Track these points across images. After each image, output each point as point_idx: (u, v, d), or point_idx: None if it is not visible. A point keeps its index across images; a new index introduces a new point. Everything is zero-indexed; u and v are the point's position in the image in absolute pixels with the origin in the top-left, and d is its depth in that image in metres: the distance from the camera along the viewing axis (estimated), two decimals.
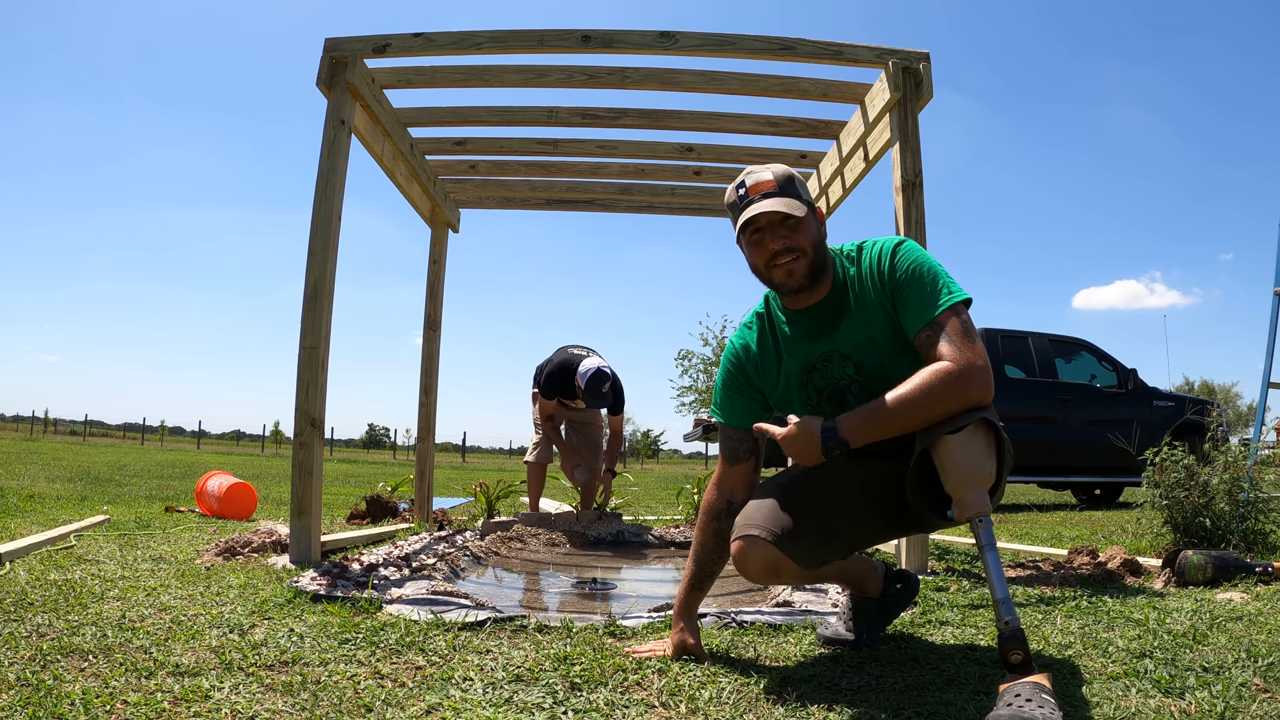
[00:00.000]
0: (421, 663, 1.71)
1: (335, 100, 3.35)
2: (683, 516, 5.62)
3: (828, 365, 1.74)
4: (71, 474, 8.69)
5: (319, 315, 3.19)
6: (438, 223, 5.12)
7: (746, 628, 2.09)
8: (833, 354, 1.73)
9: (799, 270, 1.68)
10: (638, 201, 5.22)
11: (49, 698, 1.41)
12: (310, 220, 3.24)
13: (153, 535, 3.78)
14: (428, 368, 5.02)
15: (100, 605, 2.14)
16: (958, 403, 1.53)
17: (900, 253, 1.68)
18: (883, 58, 3.37)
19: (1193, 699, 1.50)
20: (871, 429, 1.57)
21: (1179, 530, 3.56)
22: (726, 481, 1.84)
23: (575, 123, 4.10)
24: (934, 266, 1.66)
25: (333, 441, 41.36)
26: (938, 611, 2.33)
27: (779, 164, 1.76)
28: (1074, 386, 7.96)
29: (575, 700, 1.49)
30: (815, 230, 1.71)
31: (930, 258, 1.68)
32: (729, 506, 1.81)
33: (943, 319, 1.59)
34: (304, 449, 3.12)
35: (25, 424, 45.09)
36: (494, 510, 5.22)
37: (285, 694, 1.49)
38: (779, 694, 1.54)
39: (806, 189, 1.75)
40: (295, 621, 2.03)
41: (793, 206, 1.65)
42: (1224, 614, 2.28)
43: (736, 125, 4.14)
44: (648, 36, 3.39)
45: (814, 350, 1.75)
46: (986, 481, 1.51)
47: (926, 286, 1.63)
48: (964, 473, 1.50)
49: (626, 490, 8.42)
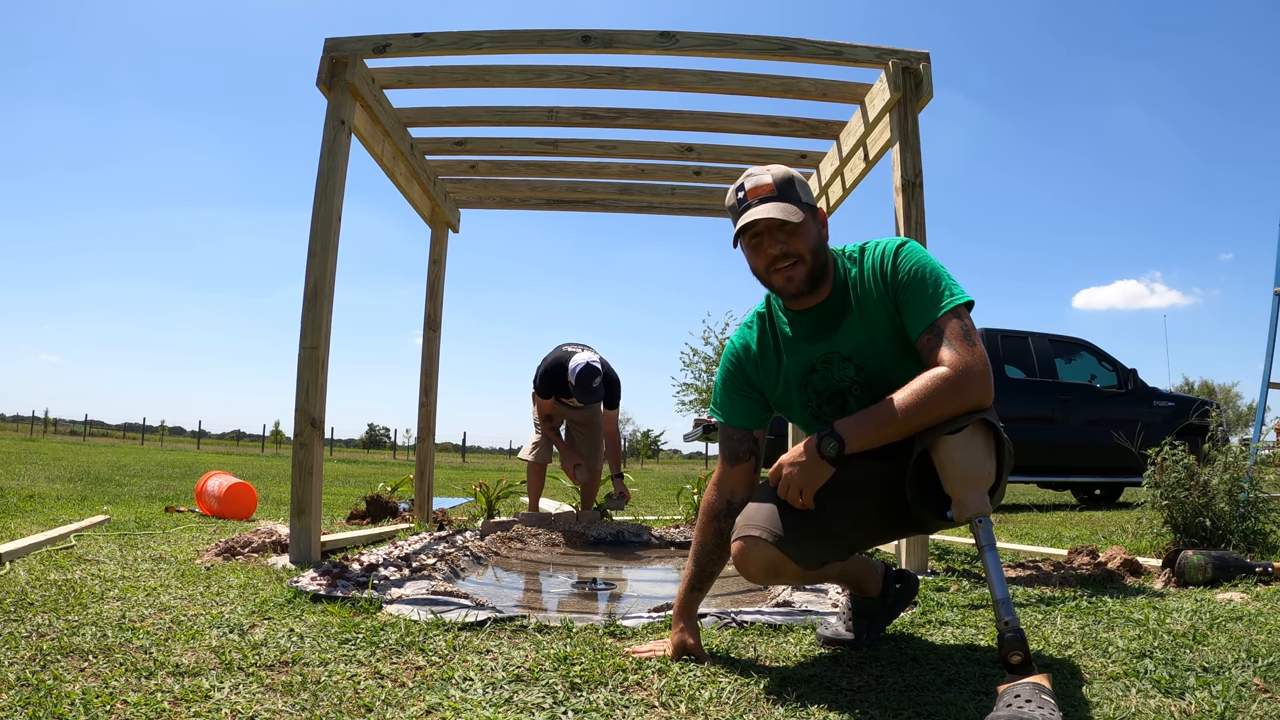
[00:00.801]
0: (421, 663, 1.71)
1: (335, 100, 3.35)
2: (683, 516, 5.62)
3: (828, 367, 1.74)
4: (71, 474, 8.69)
5: (319, 315, 3.19)
6: (438, 223, 5.12)
7: (746, 628, 2.09)
8: (833, 355, 1.73)
9: (797, 276, 1.68)
10: (638, 201, 5.22)
11: (49, 698, 1.41)
12: (310, 220, 3.24)
13: (153, 535, 3.78)
14: (428, 368, 5.02)
15: (100, 605, 2.14)
16: (956, 406, 1.53)
17: (903, 255, 1.68)
18: (883, 58, 3.37)
19: (1193, 699, 1.50)
20: (870, 433, 1.57)
21: (1179, 530, 3.56)
22: (726, 482, 1.84)
23: (575, 123, 4.10)
24: (936, 268, 1.66)
25: (333, 441, 41.37)
26: (938, 611, 2.33)
27: (780, 165, 1.76)
28: (1074, 387, 7.96)
29: (575, 700, 1.50)
30: (815, 234, 1.70)
31: (932, 259, 1.68)
32: (729, 507, 1.81)
33: (943, 322, 1.59)
34: (304, 449, 3.12)
35: (25, 424, 45.11)
36: (494, 510, 5.22)
37: (285, 694, 1.49)
38: (779, 694, 1.54)
39: (809, 190, 1.74)
40: (295, 621, 2.03)
41: (789, 212, 1.64)
42: (1224, 614, 2.28)
43: (736, 125, 4.14)
44: (648, 36, 3.39)
45: (814, 351, 1.75)
46: (986, 482, 1.51)
47: (928, 289, 1.63)
48: (963, 473, 1.50)
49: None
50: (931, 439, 1.53)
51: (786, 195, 1.68)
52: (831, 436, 1.58)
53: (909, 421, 1.54)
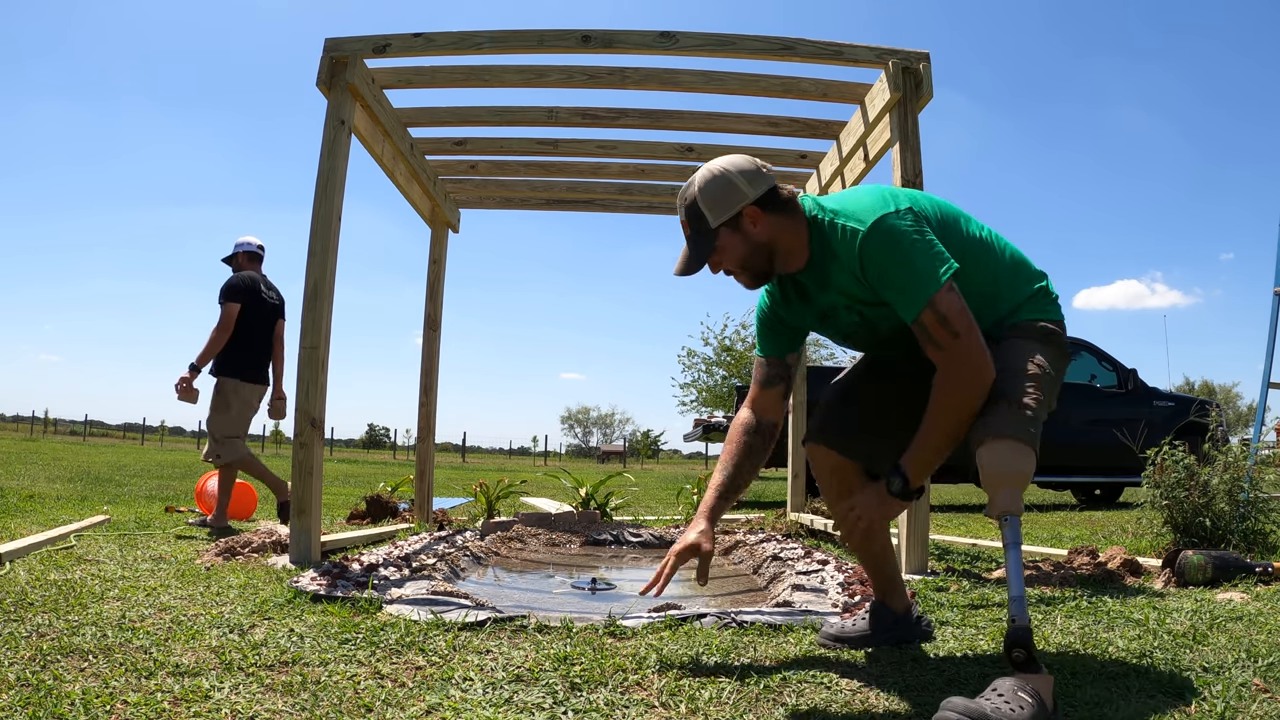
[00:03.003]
0: (421, 663, 1.71)
1: (335, 100, 3.35)
2: (682, 516, 5.61)
3: (835, 313, 1.83)
4: (71, 474, 8.69)
5: (319, 315, 3.19)
6: (438, 223, 5.12)
7: (746, 628, 2.09)
8: (836, 305, 1.80)
9: (744, 283, 1.79)
10: (638, 201, 5.22)
11: (49, 698, 1.41)
12: (310, 220, 3.25)
13: (153, 535, 3.78)
14: (428, 368, 5.02)
15: (100, 605, 2.14)
16: (970, 399, 1.59)
17: (866, 256, 1.63)
18: (883, 58, 3.38)
19: (1193, 699, 1.50)
20: (923, 464, 1.64)
21: (1179, 530, 3.56)
22: (759, 403, 1.94)
23: (575, 123, 4.10)
24: (900, 264, 1.61)
25: (333, 441, 41.37)
26: (938, 611, 2.33)
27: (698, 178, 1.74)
28: (1074, 386, 7.96)
29: (575, 700, 1.50)
30: (737, 247, 1.72)
31: (897, 247, 1.61)
32: (759, 424, 1.93)
33: (924, 318, 1.60)
34: (304, 449, 3.12)
35: (25, 424, 45.06)
36: (494, 510, 5.22)
37: (285, 694, 1.49)
38: (779, 694, 1.54)
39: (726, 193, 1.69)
40: (295, 621, 2.03)
41: (690, 259, 1.72)
42: (1224, 614, 2.28)
43: (736, 125, 4.14)
44: (648, 36, 3.39)
45: (822, 300, 1.82)
46: (1018, 481, 1.55)
47: (898, 288, 1.62)
48: (996, 473, 1.55)
49: (626, 490, 8.41)
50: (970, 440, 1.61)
51: (695, 226, 1.72)
52: (895, 472, 1.65)
53: (949, 433, 1.61)
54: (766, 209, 1.71)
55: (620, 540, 4.53)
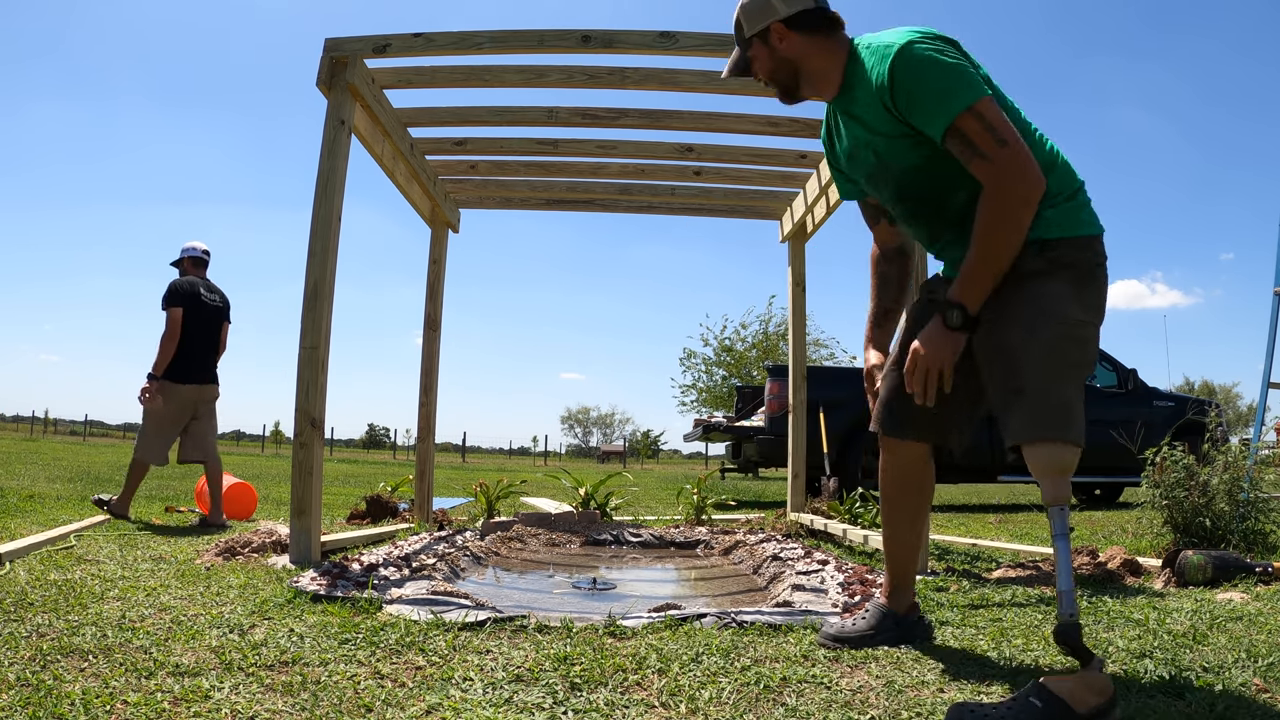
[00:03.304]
0: (421, 663, 1.71)
1: (335, 100, 3.35)
2: (683, 516, 5.61)
3: (856, 153, 1.85)
4: (72, 474, 8.69)
5: (319, 315, 3.19)
6: (438, 223, 5.12)
7: (746, 628, 2.09)
8: (858, 141, 1.82)
9: (778, 94, 1.89)
10: (638, 201, 5.22)
11: (49, 698, 1.41)
12: (310, 220, 3.24)
13: (153, 535, 3.78)
14: (428, 368, 5.02)
15: (100, 605, 2.14)
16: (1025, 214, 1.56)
17: (897, 76, 1.61)
18: None
19: (1193, 699, 1.50)
20: (978, 287, 1.61)
21: (1179, 530, 3.56)
22: (877, 237, 2.07)
23: (575, 123, 4.10)
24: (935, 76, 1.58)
25: (333, 441, 41.35)
26: (938, 611, 2.33)
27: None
28: None
29: (575, 700, 1.50)
30: (767, 59, 1.81)
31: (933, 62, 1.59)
32: (885, 253, 2.06)
33: (966, 126, 1.55)
34: (304, 449, 3.12)
35: (25, 424, 45.05)
36: (494, 510, 5.22)
37: (285, 694, 1.49)
38: (779, 694, 1.55)
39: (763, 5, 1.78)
40: (295, 621, 2.03)
41: (732, 63, 1.87)
42: (1224, 614, 2.28)
43: (736, 125, 4.14)
44: (648, 36, 3.39)
45: (847, 136, 1.87)
46: (1064, 469, 1.55)
47: (934, 96, 1.58)
48: (1038, 469, 1.56)
49: (626, 490, 8.41)
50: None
51: (737, 37, 1.85)
52: (951, 305, 1.62)
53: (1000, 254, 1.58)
54: (797, 28, 1.77)
55: (620, 540, 4.53)
